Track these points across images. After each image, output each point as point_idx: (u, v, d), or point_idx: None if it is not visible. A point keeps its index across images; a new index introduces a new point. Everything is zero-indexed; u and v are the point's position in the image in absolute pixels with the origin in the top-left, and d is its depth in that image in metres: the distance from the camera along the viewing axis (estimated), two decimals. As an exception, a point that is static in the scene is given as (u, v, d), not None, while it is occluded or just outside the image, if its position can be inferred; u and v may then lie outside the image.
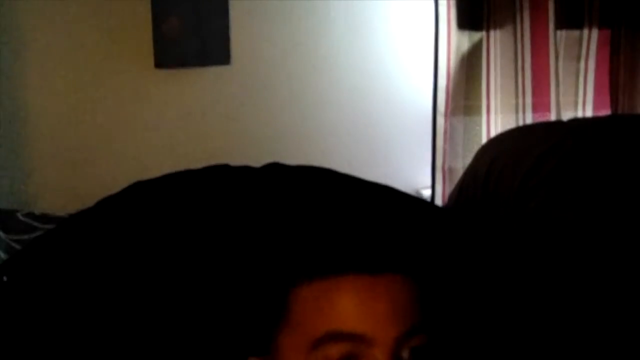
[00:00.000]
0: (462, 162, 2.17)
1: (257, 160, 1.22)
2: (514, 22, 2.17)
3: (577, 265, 1.34)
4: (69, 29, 1.97)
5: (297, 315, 0.78)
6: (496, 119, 2.21)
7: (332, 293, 0.77)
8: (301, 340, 0.77)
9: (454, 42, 2.15)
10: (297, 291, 0.78)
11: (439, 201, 2.18)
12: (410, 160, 2.29)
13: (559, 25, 2.21)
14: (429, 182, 2.21)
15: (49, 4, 1.94)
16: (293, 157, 1.25)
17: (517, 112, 2.21)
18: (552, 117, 2.22)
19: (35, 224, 1.63)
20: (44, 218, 1.65)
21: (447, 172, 2.20)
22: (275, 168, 1.13)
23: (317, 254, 0.78)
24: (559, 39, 2.22)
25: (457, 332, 0.99)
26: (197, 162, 1.19)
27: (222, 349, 0.91)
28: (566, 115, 2.24)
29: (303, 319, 0.77)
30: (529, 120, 2.21)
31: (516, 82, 2.19)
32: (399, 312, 0.77)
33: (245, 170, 1.14)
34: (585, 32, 2.28)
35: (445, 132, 2.18)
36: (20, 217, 1.65)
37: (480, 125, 2.20)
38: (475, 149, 1.97)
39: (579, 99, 2.32)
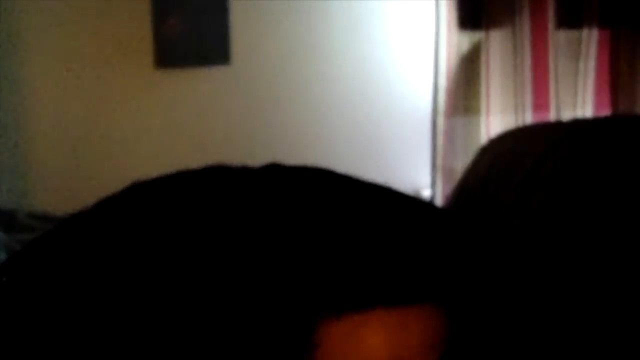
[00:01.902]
0: (462, 162, 2.17)
1: (257, 160, 1.22)
2: (514, 22, 2.17)
3: (577, 265, 1.34)
4: (69, 30, 1.97)
5: (324, 354, 0.71)
6: (496, 119, 2.21)
7: (362, 329, 0.70)
8: None
9: (454, 42, 2.15)
10: (324, 328, 0.70)
11: (439, 201, 2.18)
12: (410, 160, 2.29)
13: (559, 25, 2.21)
14: (429, 182, 2.22)
15: (49, 5, 1.94)
16: (293, 157, 1.25)
17: (517, 112, 2.21)
18: (552, 117, 2.22)
19: (35, 224, 1.63)
20: (44, 218, 1.65)
21: (447, 172, 2.20)
22: (274, 168, 1.13)
23: (346, 286, 0.70)
24: (559, 39, 2.22)
25: (484, 351, 0.99)
26: (197, 162, 1.19)
27: None
28: (566, 115, 2.24)
29: (332, 358, 0.71)
30: (529, 120, 2.21)
31: (516, 82, 2.20)
32: (430, 344, 0.73)
33: (245, 169, 1.14)
34: (585, 32, 2.28)
35: (445, 132, 2.18)
36: (20, 217, 1.66)
37: (480, 125, 2.20)
38: (475, 149, 1.97)
39: (579, 99, 2.32)
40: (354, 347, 0.73)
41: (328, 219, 0.72)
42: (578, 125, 1.90)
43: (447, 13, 2.13)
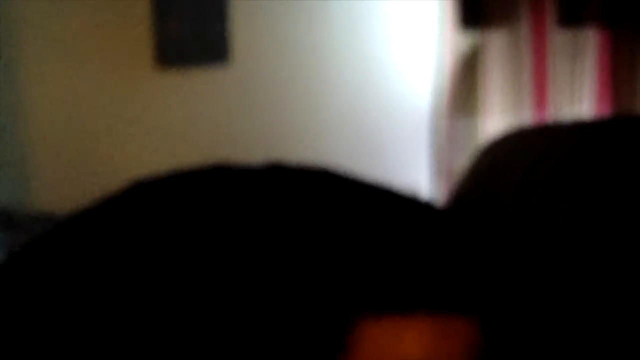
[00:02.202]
0: (462, 162, 2.17)
1: (257, 159, 1.22)
2: (514, 22, 2.17)
3: (577, 265, 1.34)
4: (69, 30, 1.97)
5: (361, 354, 0.71)
6: (496, 119, 2.21)
7: (402, 332, 0.70)
8: None
9: (454, 42, 2.15)
10: (362, 327, 0.70)
11: (439, 201, 2.18)
12: (410, 160, 2.29)
13: (559, 25, 2.21)
14: (429, 182, 2.22)
15: (48, 4, 1.94)
16: (293, 157, 1.25)
17: (517, 112, 2.21)
18: (552, 117, 2.22)
19: (35, 224, 1.63)
20: (44, 218, 1.65)
21: (447, 172, 2.20)
22: (277, 167, 1.13)
23: (388, 287, 0.70)
24: (559, 39, 2.22)
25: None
26: (197, 161, 1.19)
27: None
28: (566, 116, 2.24)
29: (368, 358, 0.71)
30: (528, 120, 2.21)
31: (516, 82, 2.20)
32: (468, 356, 0.72)
33: (247, 168, 1.14)
34: (585, 32, 2.28)
35: (445, 132, 2.18)
36: (20, 217, 1.66)
37: (480, 125, 2.20)
38: (475, 149, 1.97)
39: (579, 99, 2.32)
40: (391, 349, 0.72)
41: (363, 219, 0.70)
42: (578, 125, 1.90)
43: (447, 13, 2.13)
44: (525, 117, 2.21)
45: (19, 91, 1.96)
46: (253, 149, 2.11)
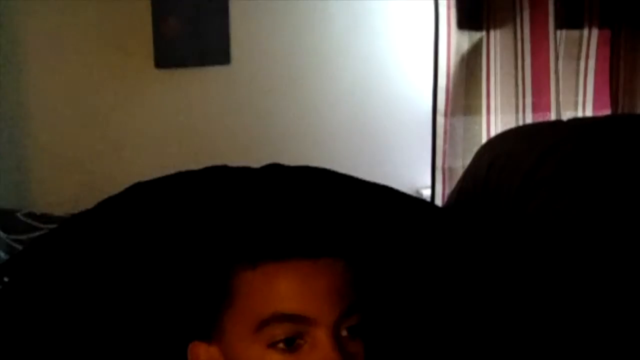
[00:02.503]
0: (462, 162, 2.17)
1: (257, 160, 1.22)
2: (514, 22, 2.17)
3: (577, 264, 1.34)
4: (69, 29, 1.97)
5: (242, 298, 0.83)
6: (496, 119, 2.21)
7: (276, 277, 0.81)
8: (246, 322, 0.82)
9: (454, 42, 2.15)
10: (241, 276, 0.83)
11: (439, 201, 2.18)
12: (410, 160, 2.29)
13: (559, 25, 2.21)
14: (429, 182, 2.21)
15: (48, 4, 1.94)
16: (293, 157, 1.25)
17: (517, 112, 2.21)
18: (552, 117, 2.22)
19: (35, 224, 1.63)
20: (44, 218, 1.65)
21: (447, 172, 2.20)
22: (274, 169, 1.14)
23: (260, 240, 0.83)
24: (559, 39, 2.22)
25: (388, 313, 1.04)
26: (197, 162, 1.19)
27: (167, 333, 0.94)
28: (566, 115, 2.24)
29: (248, 303, 0.82)
30: (529, 120, 2.21)
31: (516, 82, 2.19)
32: (338, 294, 0.83)
33: (245, 170, 1.14)
34: (585, 32, 2.28)
35: (445, 132, 2.18)
36: (20, 217, 1.65)
37: (480, 125, 2.20)
38: (475, 149, 1.97)
39: (579, 99, 2.32)
40: (269, 292, 0.81)
41: (275, 195, 0.95)
42: (578, 125, 1.90)
43: (447, 13, 2.13)
44: (525, 117, 2.21)
45: (18, 92, 1.96)
46: (253, 149, 2.11)
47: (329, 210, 1.00)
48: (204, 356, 0.86)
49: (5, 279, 0.95)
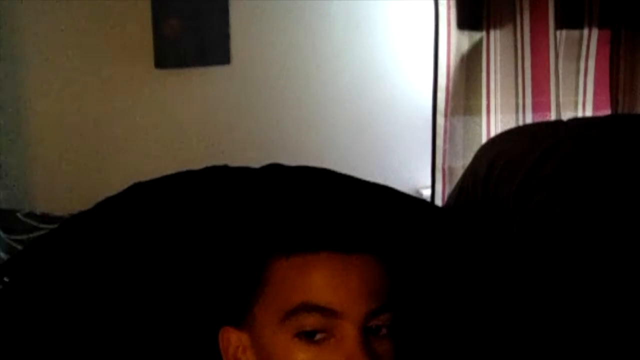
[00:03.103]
0: (462, 162, 2.17)
1: (257, 159, 1.22)
2: (514, 22, 2.17)
3: (577, 264, 1.34)
4: (69, 29, 1.97)
5: (273, 287, 0.84)
6: (496, 119, 2.21)
7: (308, 268, 0.82)
8: (276, 310, 0.83)
9: (454, 42, 2.15)
10: (274, 265, 0.84)
11: (439, 201, 2.18)
12: (410, 160, 2.29)
13: (559, 25, 2.21)
14: (429, 182, 2.22)
15: (48, 4, 1.94)
16: (293, 157, 1.25)
17: (517, 112, 2.21)
18: (552, 117, 2.22)
19: (35, 224, 1.63)
20: (44, 218, 1.65)
21: (447, 172, 2.20)
22: (274, 169, 1.14)
23: (295, 232, 0.84)
24: (559, 39, 2.22)
25: (421, 314, 1.05)
26: (197, 162, 1.19)
27: (200, 318, 0.96)
28: (566, 115, 2.24)
29: (279, 291, 0.83)
30: (529, 120, 2.21)
31: (516, 82, 2.19)
32: (369, 290, 0.83)
33: (245, 171, 1.14)
34: (585, 32, 2.28)
35: (445, 132, 2.18)
36: (20, 217, 1.65)
37: (480, 125, 2.20)
38: (475, 149, 1.97)
39: (579, 99, 2.32)
40: (300, 282, 0.82)
41: (303, 197, 0.96)
42: (578, 125, 1.90)
43: (447, 13, 2.13)
44: (525, 117, 2.21)
45: (19, 92, 1.96)
46: (253, 149, 2.11)
47: (362, 206, 1.02)
48: (234, 341, 0.87)
49: (5, 279, 0.95)
